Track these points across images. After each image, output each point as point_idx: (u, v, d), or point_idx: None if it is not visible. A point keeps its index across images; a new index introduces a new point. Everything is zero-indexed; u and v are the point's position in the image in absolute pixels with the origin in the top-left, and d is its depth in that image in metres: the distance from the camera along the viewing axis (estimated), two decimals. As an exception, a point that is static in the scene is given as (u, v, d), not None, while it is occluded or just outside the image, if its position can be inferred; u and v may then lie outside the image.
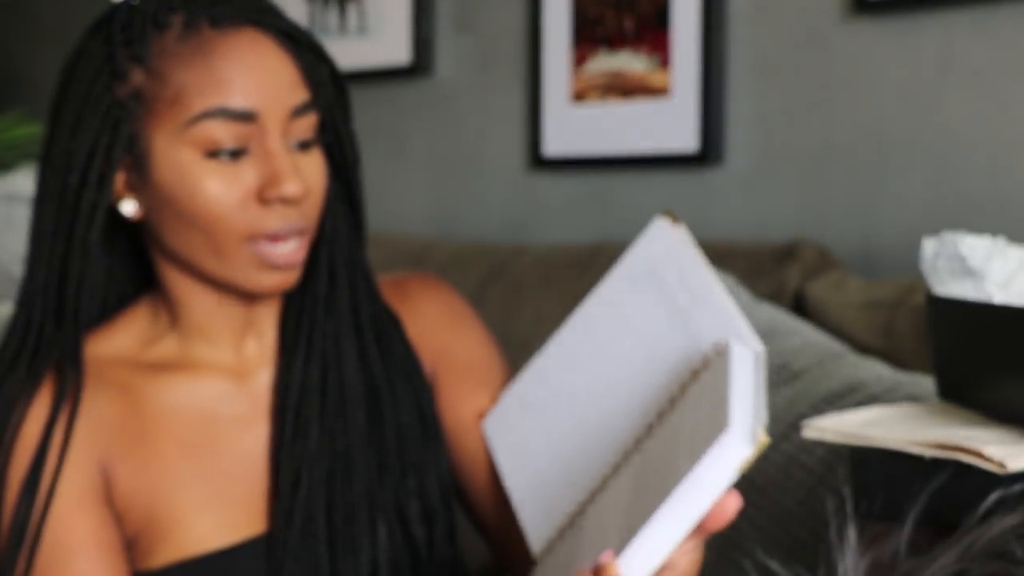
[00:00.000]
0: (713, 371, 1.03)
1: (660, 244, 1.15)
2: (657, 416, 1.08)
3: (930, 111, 1.87)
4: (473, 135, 2.41)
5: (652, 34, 2.13)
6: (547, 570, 1.14)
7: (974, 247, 1.22)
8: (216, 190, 1.13)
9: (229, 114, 1.12)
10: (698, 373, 1.06)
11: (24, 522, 1.13)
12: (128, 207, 1.18)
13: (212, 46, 1.13)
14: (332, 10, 2.59)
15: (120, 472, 1.18)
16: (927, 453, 1.10)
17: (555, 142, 2.26)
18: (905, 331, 1.67)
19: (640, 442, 1.08)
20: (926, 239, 1.26)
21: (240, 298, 1.21)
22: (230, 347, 1.23)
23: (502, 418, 1.25)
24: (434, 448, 1.25)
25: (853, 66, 1.94)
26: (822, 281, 1.81)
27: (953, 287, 1.22)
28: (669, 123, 2.10)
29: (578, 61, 2.22)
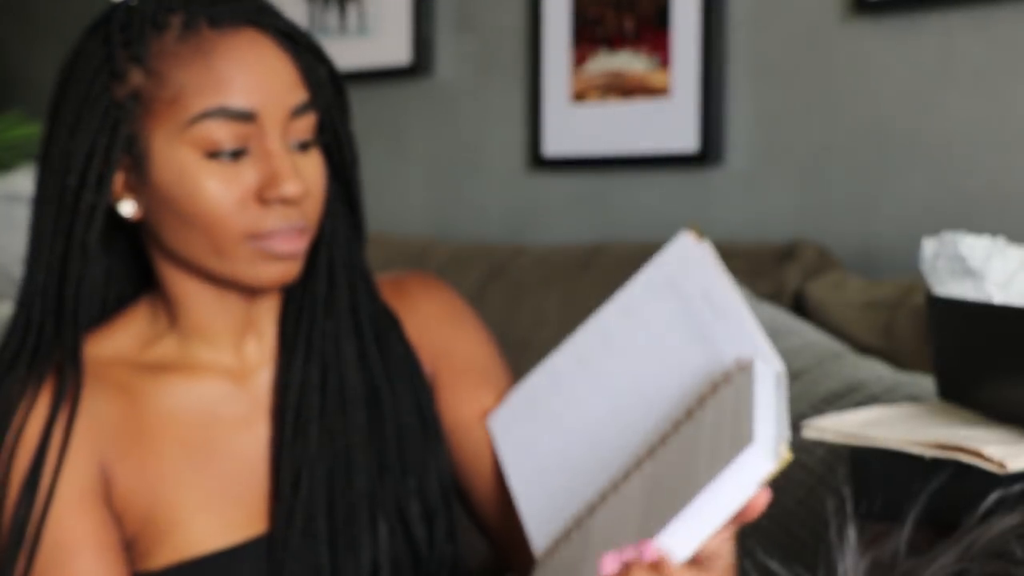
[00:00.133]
0: (735, 387, 1.04)
1: (683, 258, 1.17)
2: (673, 426, 1.09)
3: (930, 111, 1.87)
4: (473, 135, 2.41)
5: (652, 34, 2.12)
6: (551, 569, 1.14)
7: (974, 247, 1.22)
8: (216, 190, 1.13)
9: (229, 114, 1.12)
10: (718, 387, 1.07)
11: (24, 522, 1.13)
12: (127, 208, 1.18)
13: (211, 46, 1.13)
14: (332, 10, 2.59)
15: (119, 472, 1.18)
16: (927, 453, 1.10)
17: (555, 142, 2.26)
18: (905, 331, 1.67)
19: (654, 450, 1.09)
20: (926, 239, 1.26)
21: (240, 297, 1.21)
22: (229, 347, 1.23)
23: (509, 416, 1.25)
24: (434, 447, 1.25)
25: (853, 66, 1.94)
26: (822, 281, 1.81)
27: (953, 287, 1.22)
28: (669, 123, 2.10)
29: (578, 61, 2.22)
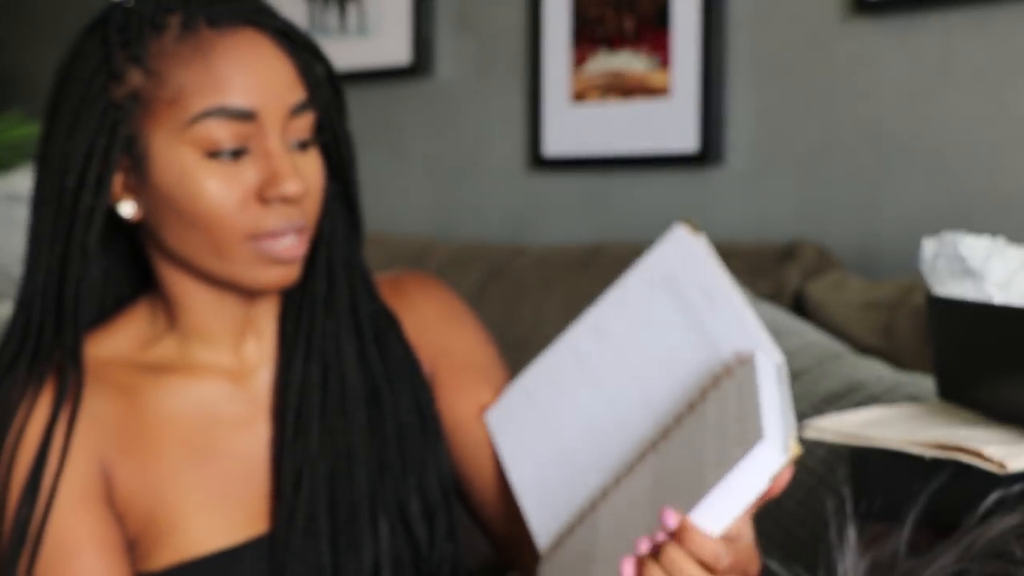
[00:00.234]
0: (738, 380, 1.04)
1: (679, 252, 1.17)
2: (675, 419, 1.09)
3: (930, 111, 1.87)
4: (473, 135, 2.41)
5: (652, 34, 2.12)
6: (557, 565, 1.15)
7: (974, 247, 1.22)
8: (217, 190, 1.13)
9: (229, 113, 1.12)
10: (720, 380, 1.07)
11: (26, 523, 1.13)
12: (126, 208, 1.18)
13: (210, 46, 1.13)
14: (332, 10, 2.59)
15: (120, 473, 1.18)
16: (927, 453, 1.10)
17: (555, 142, 2.26)
18: (905, 331, 1.67)
19: (656, 444, 1.09)
20: (926, 239, 1.26)
21: (239, 298, 1.21)
22: (229, 348, 1.23)
23: (506, 412, 1.25)
24: (434, 446, 1.25)
25: (853, 66, 1.94)
26: (822, 281, 1.81)
27: (953, 287, 1.22)
28: (669, 123, 2.10)
29: (578, 61, 2.22)
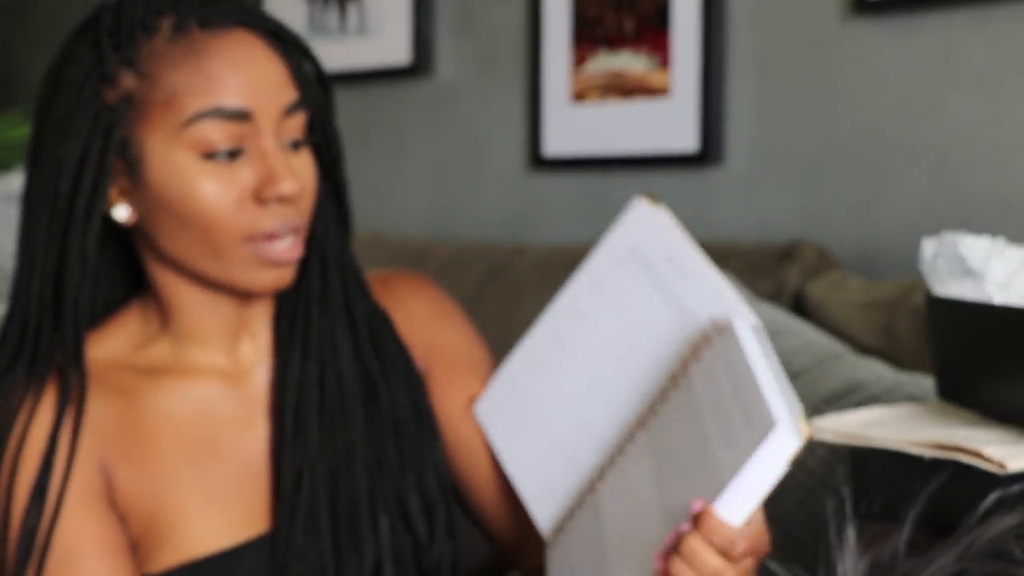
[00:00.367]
0: (720, 351, 1.05)
1: (642, 225, 1.18)
2: (660, 393, 1.10)
3: (930, 111, 1.87)
4: (473, 135, 2.41)
5: (652, 34, 2.12)
6: (564, 550, 1.16)
7: (974, 247, 1.22)
8: (214, 191, 1.13)
9: (224, 114, 1.12)
10: (699, 349, 1.08)
11: (34, 529, 1.12)
12: (121, 212, 1.17)
13: (203, 47, 1.13)
14: (332, 10, 2.59)
15: (120, 475, 1.18)
16: (927, 453, 1.10)
17: (555, 142, 2.26)
18: (905, 331, 1.67)
19: (645, 421, 1.10)
20: (926, 239, 1.26)
21: (234, 299, 1.21)
22: (223, 349, 1.23)
23: (494, 402, 1.27)
24: (430, 441, 1.26)
25: (853, 66, 1.94)
26: (822, 281, 1.81)
27: (953, 287, 1.22)
28: (669, 123, 2.10)
29: (578, 61, 2.22)
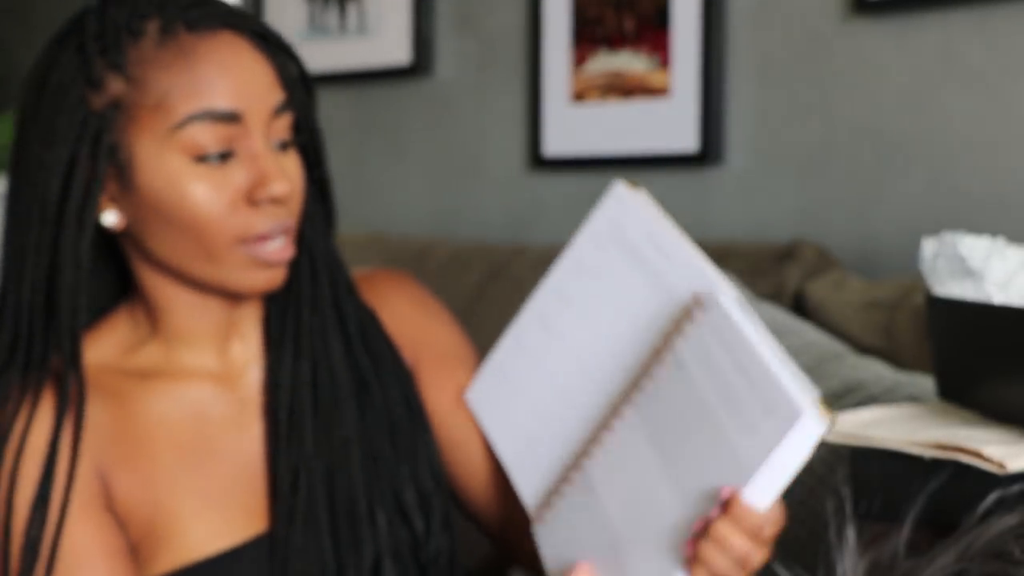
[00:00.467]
0: (708, 326, 1.06)
1: (620, 208, 1.21)
2: (642, 368, 1.12)
3: (930, 111, 1.87)
4: (473, 135, 2.41)
5: (652, 34, 2.12)
6: (555, 526, 1.16)
7: (974, 247, 1.22)
8: (206, 194, 1.13)
9: (215, 116, 1.12)
10: (681, 324, 1.09)
11: (38, 538, 1.12)
12: (109, 218, 1.16)
13: (192, 50, 1.13)
14: (332, 10, 2.59)
15: (118, 480, 1.17)
16: (927, 453, 1.10)
17: (555, 142, 2.26)
18: (905, 331, 1.67)
19: (630, 396, 1.12)
20: (926, 239, 1.26)
21: (224, 301, 1.21)
22: (214, 351, 1.23)
23: (485, 389, 1.29)
24: (423, 435, 1.27)
25: (853, 66, 1.94)
26: (822, 281, 1.81)
27: (953, 287, 1.22)
28: (669, 123, 2.10)
29: (578, 61, 2.22)
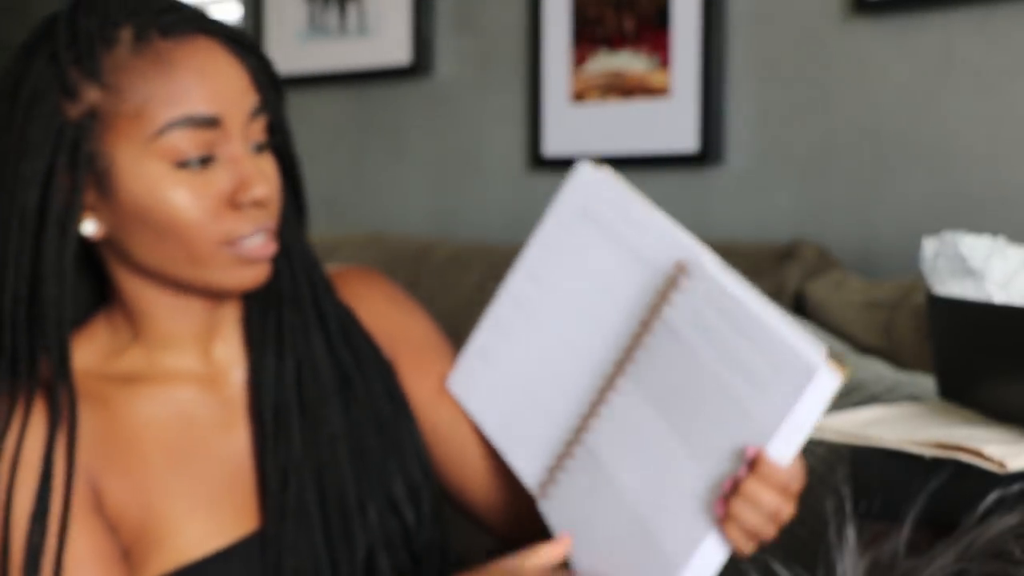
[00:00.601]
0: (696, 292, 1.07)
1: (587, 186, 1.22)
2: (632, 339, 1.12)
3: (930, 111, 1.87)
4: (473, 135, 2.41)
5: (652, 34, 2.12)
6: (564, 498, 1.17)
7: (974, 247, 1.22)
8: (188, 200, 1.13)
9: (195, 122, 1.12)
10: (667, 293, 1.10)
11: (38, 548, 1.11)
12: (88, 227, 1.16)
13: (168, 56, 1.12)
14: (332, 10, 2.59)
15: (107, 485, 1.17)
16: (927, 453, 1.10)
17: (555, 142, 2.26)
18: (905, 331, 1.67)
19: (622, 367, 1.13)
20: (926, 239, 1.26)
21: (205, 302, 1.21)
22: (197, 354, 1.23)
23: (467, 375, 1.29)
24: (407, 427, 1.27)
25: (853, 66, 1.94)
26: (822, 281, 1.81)
27: (953, 287, 1.22)
28: (669, 123, 2.10)
29: (578, 61, 2.22)
